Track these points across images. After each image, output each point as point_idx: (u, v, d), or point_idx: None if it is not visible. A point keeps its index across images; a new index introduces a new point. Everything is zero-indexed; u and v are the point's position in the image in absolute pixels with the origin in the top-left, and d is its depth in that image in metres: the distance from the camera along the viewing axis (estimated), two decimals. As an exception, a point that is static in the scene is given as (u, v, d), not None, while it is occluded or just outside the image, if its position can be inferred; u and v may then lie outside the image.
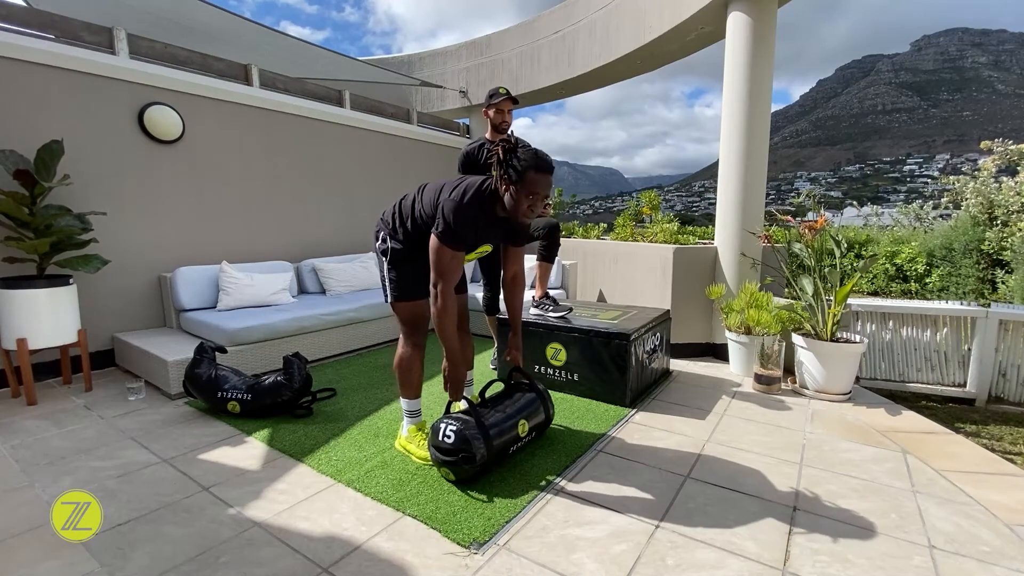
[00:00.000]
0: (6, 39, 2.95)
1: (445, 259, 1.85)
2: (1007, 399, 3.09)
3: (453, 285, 1.91)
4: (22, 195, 2.74)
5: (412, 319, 2.12)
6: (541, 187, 1.80)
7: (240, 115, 4.07)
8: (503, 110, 3.02)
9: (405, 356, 2.14)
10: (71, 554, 1.55)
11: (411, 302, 2.09)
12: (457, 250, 1.86)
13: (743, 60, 3.52)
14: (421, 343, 2.15)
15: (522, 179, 1.79)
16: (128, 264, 3.48)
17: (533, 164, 1.80)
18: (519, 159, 1.80)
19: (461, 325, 2.27)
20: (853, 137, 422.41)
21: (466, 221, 1.83)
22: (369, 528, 1.68)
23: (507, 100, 2.98)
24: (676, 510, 1.80)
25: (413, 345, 2.14)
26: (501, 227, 2.02)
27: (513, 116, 3.13)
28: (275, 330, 3.28)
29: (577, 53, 5.69)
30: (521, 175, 1.78)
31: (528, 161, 1.80)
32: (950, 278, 5.64)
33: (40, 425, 2.50)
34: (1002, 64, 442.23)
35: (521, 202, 1.81)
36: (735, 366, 3.42)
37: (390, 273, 2.09)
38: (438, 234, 1.85)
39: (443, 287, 1.87)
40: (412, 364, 2.14)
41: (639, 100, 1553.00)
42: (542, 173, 1.81)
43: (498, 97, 2.96)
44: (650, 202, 4.68)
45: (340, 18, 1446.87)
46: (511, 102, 3.01)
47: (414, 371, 2.16)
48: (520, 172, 1.78)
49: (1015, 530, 1.70)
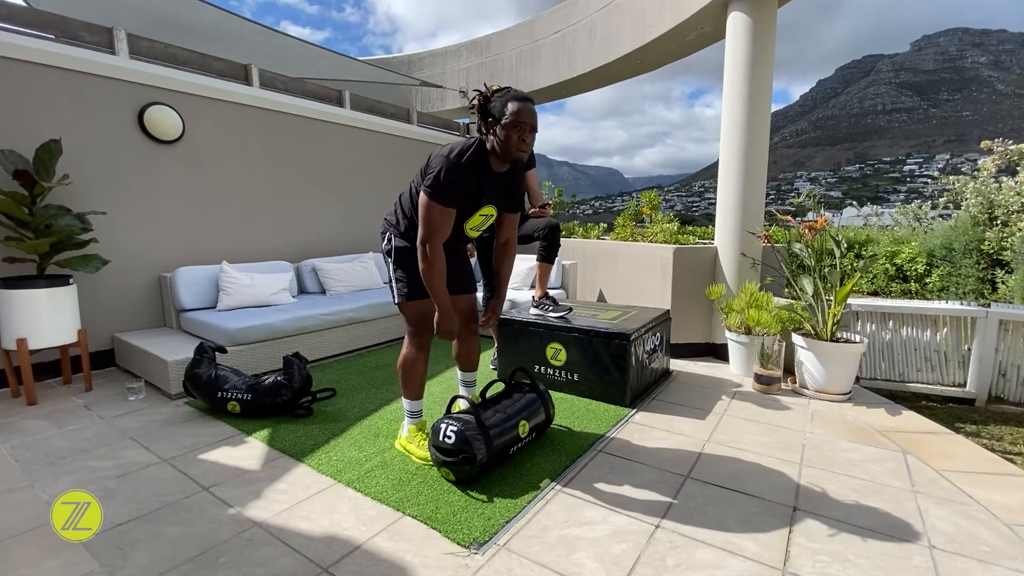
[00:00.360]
0: (6, 39, 2.95)
1: (434, 215, 1.82)
2: (1007, 399, 3.09)
3: (442, 242, 1.88)
4: (22, 195, 2.74)
5: (419, 319, 2.09)
6: (524, 116, 1.79)
7: (240, 115, 4.07)
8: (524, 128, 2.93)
9: (409, 357, 2.13)
10: (71, 554, 1.55)
11: (418, 301, 2.06)
12: (446, 206, 1.83)
13: (743, 60, 3.52)
14: (426, 345, 2.15)
15: (503, 114, 1.78)
16: (128, 264, 3.48)
17: (510, 96, 1.81)
18: (497, 99, 1.81)
19: (468, 326, 2.27)
20: (853, 137, 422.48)
21: (455, 173, 1.80)
22: (369, 528, 1.68)
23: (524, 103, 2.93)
24: (676, 510, 1.80)
25: (418, 346, 2.13)
26: (499, 186, 1.97)
27: None
28: (275, 330, 3.28)
29: (577, 53, 5.70)
30: (502, 110, 1.78)
31: (504, 96, 1.81)
32: (950, 278, 5.64)
33: (40, 425, 2.50)
34: (1002, 64, 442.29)
35: (510, 136, 1.79)
36: (735, 366, 3.42)
37: (395, 272, 2.07)
38: (427, 190, 1.82)
39: (431, 245, 1.84)
40: (416, 365, 2.14)
41: (639, 100, 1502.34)
42: (521, 102, 1.80)
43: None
44: (650, 202, 4.68)
45: (340, 18, 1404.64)
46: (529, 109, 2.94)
47: (417, 372, 2.15)
48: (500, 108, 1.79)
49: (1015, 530, 1.70)
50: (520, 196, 2.12)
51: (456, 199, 1.84)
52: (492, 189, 1.96)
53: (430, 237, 1.84)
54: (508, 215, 2.13)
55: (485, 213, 2.01)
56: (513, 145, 1.81)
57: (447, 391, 2.96)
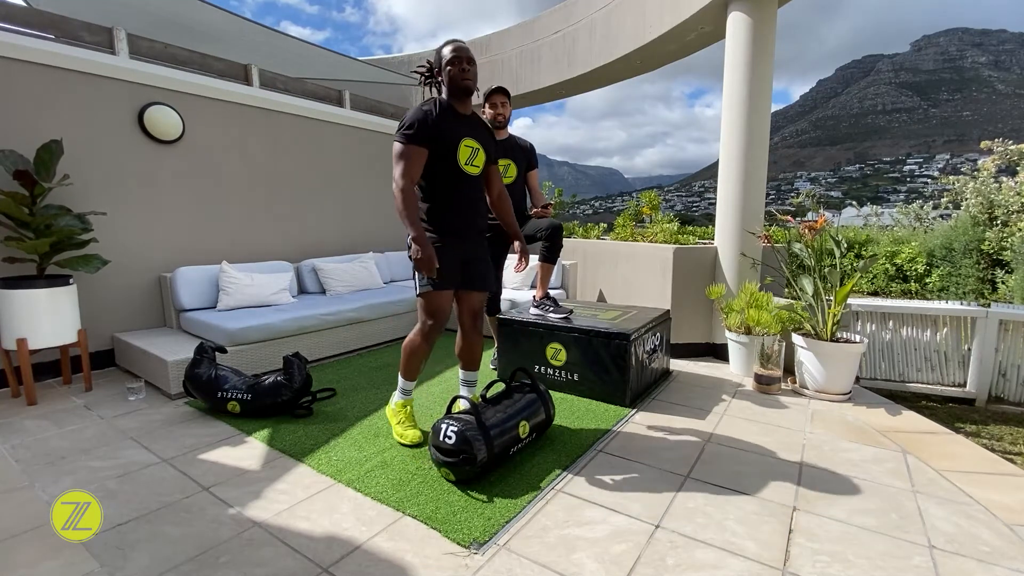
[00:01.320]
0: (6, 39, 2.95)
1: (404, 154, 1.99)
2: (1007, 399, 3.09)
3: (414, 182, 2.02)
4: (22, 195, 2.74)
5: (432, 311, 2.17)
6: (457, 52, 2.05)
7: (240, 115, 4.07)
8: (496, 104, 3.02)
9: (415, 343, 2.24)
10: (71, 554, 1.55)
11: (435, 293, 2.13)
12: (417, 144, 2.00)
13: (743, 60, 3.52)
14: (432, 338, 2.23)
15: (441, 61, 2.09)
16: (128, 264, 3.48)
17: (441, 47, 2.12)
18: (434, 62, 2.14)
19: (474, 324, 2.36)
20: (853, 137, 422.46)
21: (419, 113, 2.00)
22: (369, 528, 1.68)
23: (496, 92, 2.99)
24: (676, 510, 1.80)
25: (424, 337, 2.21)
26: (473, 126, 2.16)
27: (513, 115, 3.13)
28: (275, 330, 3.28)
29: (577, 53, 5.70)
30: (439, 60, 2.10)
31: (438, 51, 2.12)
32: (950, 278, 5.64)
33: (40, 425, 2.50)
34: (1002, 64, 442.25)
35: (452, 73, 2.05)
36: (735, 366, 3.42)
37: (414, 267, 2.12)
38: (398, 136, 2.02)
39: (404, 184, 1.98)
40: (418, 351, 2.24)
41: (640, 100, 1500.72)
42: (451, 43, 2.09)
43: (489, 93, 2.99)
44: (650, 202, 4.68)
45: (340, 18, 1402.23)
46: (501, 94, 3.01)
47: (417, 357, 2.26)
48: (438, 60, 2.12)
49: (1015, 530, 1.70)
50: (495, 151, 2.31)
51: (424, 136, 2.00)
52: (466, 128, 2.13)
53: (402, 178, 1.98)
54: (492, 169, 2.31)
55: (470, 145, 2.13)
56: (457, 77, 2.04)
57: (447, 391, 2.96)
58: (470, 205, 2.17)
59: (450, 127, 2.05)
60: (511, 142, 3.16)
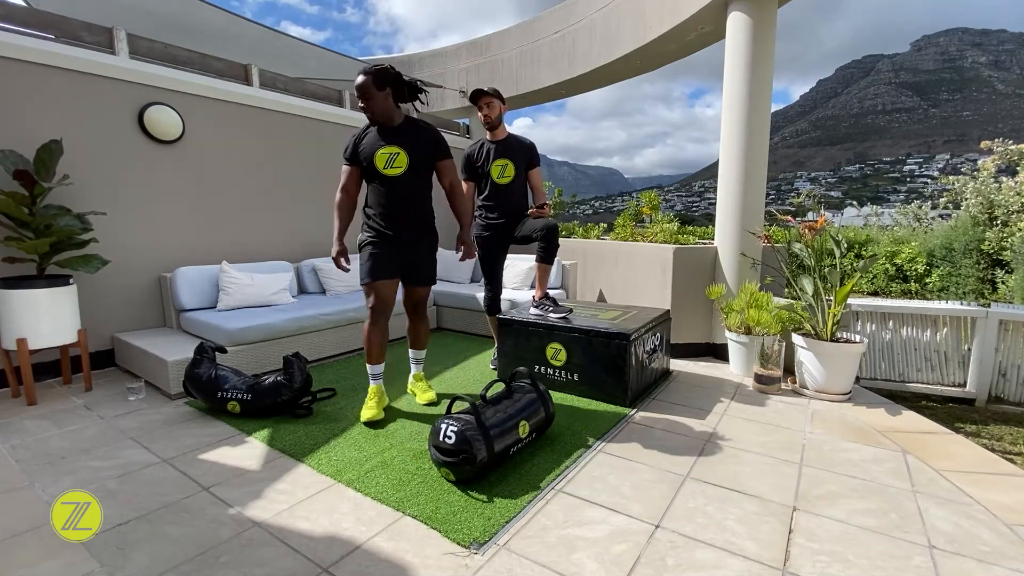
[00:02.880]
0: (6, 39, 2.95)
1: (343, 173, 2.59)
2: (1007, 399, 3.09)
3: (345, 192, 2.57)
4: (22, 195, 2.74)
5: (369, 298, 2.57)
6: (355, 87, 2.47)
7: (240, 115, 4.07)
8: (481, 106, 3.04)
9: (364, 327, 2.63)
10: (71, 554, 1.55)
11: (369, 284, 2.54)
12: (344, 163, 2.58)
13: (743, 60, 3.52)
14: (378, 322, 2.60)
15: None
16: (128, 264, 3.48)
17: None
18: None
19: (415, 311, 2.81)
20: (853, 137, 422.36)
21: (349, 139, 2.58)
22: (369, 528, 1.68)
23: (477, 95, 3.03)
24: (676, 510, 1.80)
25: (370, 321, 2.60)
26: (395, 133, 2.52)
27: (513, 115, 3.15)
28: (275, 330, 3.28)
29: (577, 53, 5.69)
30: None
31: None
32: (950, 278, 5.64)
33: (40, 425, 2.50)
34: (1002, 64, 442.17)
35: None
36: (735, 366, 3.42)
37: (360, 259, 2.61)
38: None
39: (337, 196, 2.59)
40: (368, 335, 2.61)
41: (640, 100, 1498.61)
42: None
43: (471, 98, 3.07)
44: (650, 202, 4.68)
45: (341, 19, 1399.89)
46: (482, 96, 3.02)
47: (372, 342, 2.62)
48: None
49: (1015, 530, 1.70)
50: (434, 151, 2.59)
51: (349, 156, 2.55)
52: (389, 137, 2.51)
53: (337, 192, 2.58)
54: (440, 164, 2.62)
55: (387, 151, 2.50)
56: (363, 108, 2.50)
57: (447, 391, 2.97)
58: (397, 206, 2.54)
59: (369, 143, 2.52)
60: (509, 141, 3.16)
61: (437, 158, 2.61)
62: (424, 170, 2.61)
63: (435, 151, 2.60)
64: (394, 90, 2.50)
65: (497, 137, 3.15)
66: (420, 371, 2.95)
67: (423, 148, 2.56)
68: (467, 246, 2.71)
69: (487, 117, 3.06)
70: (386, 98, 2.49)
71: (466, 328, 4.48)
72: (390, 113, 2.52)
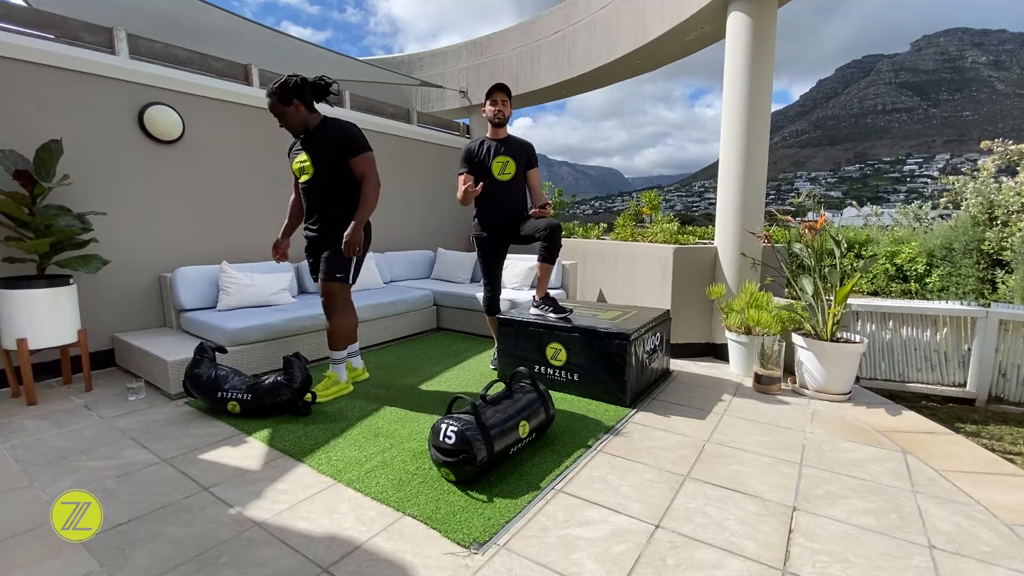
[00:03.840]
0: (6, 39, 2.95)
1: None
2: (1007, 399, 3.09)
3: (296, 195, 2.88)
4: (22, 195, 2.74)
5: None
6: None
7: (240, 115, 4.07)
8: (496, 101, 3.03)
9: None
10: (71, 554, 1.55)
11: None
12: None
13: (743, 60, 3.52)
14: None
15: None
16: (128, 264, 3.48)
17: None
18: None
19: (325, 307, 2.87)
20: (853, 137, 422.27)
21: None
22: (369, 528, 1.68)
23: (496, 90, 3.01)
24: (676, 510, 1.80)
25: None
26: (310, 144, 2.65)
27: (513, 115, 3.14)
28: (275, 330, 3.28)
29: (577, 53, 5.69)
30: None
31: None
32: (950, 278, 5.63)
33: (40, 425, 2.50)
34: (1002, 64, 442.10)
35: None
36: (735, 366, 3.42)
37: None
38: None
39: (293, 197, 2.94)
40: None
41: (640, 100, 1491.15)
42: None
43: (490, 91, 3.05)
44: (650, 202, 4.68)
45: (341, 19, 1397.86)
46: (501, 91, 3.02)
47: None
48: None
49: (1015, 530, 1.70)
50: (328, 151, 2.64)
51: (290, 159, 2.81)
52: (302, 146, 2.69)
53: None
54: (350, 162, 2.65)
55: (300, 161, 2.71)
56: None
57: (447, 391, 2.97)
58: (312, 210, 2.73)
59: (291, 153, 2.79)
60: (510, 140, 3.16)
61: (345, 158, 2.61)
62: (332, 172, 2.61)
63: (338, 153, 2.59)
64: (302, 98, 2.55)
65: (498, 135, 3.16)
66: (330, 371, 2.94)
67: (325, 150, 2.59)
68: (348, 244, 2.59)
69: (500, 114, 3.07)
70: (297, 109, 2.56)
71: (466, 328, 4.48)
72: (304, 122, 2.61)
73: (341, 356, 2.93)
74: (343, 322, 2.84)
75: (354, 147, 2.61)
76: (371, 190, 2.66)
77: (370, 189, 2.65)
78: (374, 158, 2.70)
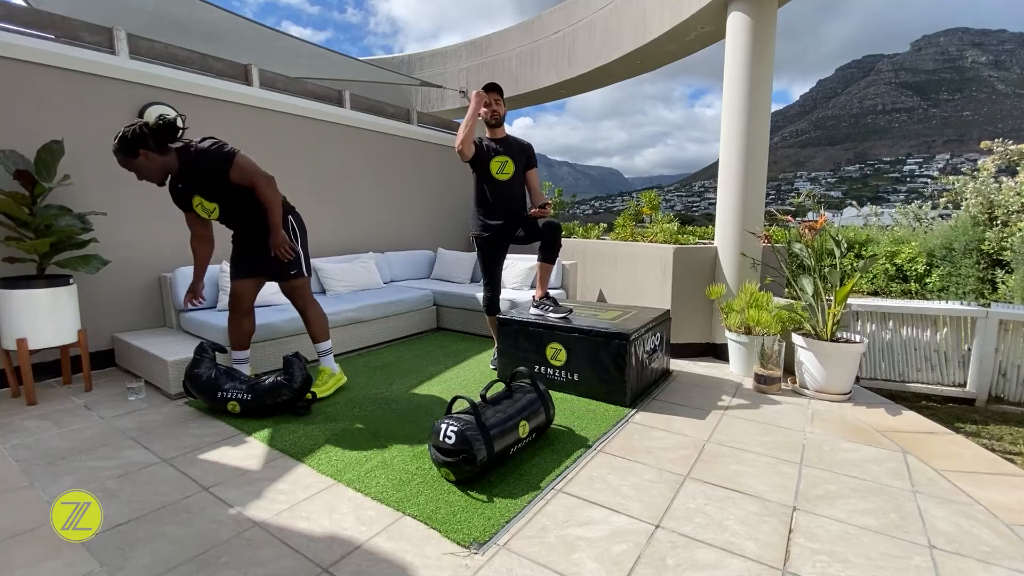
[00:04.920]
0: (6, 39, 2.95)
1: None
2: (1007, 399, 3.09)
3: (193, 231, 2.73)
4: (22, 195, 2.74)
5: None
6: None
7: (240, 115, 4.07)
8: (489, 101, 3.03)
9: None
10: (71, 554, 1.55)
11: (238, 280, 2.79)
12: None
13: (743, 60, 3.52)
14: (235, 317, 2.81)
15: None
16: (128, 264, 3.48)
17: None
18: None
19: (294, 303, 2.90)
20: (853, 137, 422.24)
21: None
22: (369, 528, 1.68)
23: (488, 90, 3.00)
24: (676, 510, 1.80)
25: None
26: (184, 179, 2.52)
27: (513, 115, 3.15)
28: (275, 330, 3.28)
29: (577, 53, 5.70)
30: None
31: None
32: (950, 278, 5.63)
33: (40, 425, 2.50)
34: (1002, 64, 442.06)
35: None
36: (735, 366, 3.42)
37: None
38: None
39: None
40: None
41: (640, 100, 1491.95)
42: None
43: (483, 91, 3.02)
44: (650, 202, 4.68)
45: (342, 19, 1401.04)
46: (493, 91, 3.01)
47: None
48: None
49: (1015, 530, 1.70)
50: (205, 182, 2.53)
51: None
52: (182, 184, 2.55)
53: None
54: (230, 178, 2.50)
55: (196, 200, 2.57)
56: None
57: (447, 391, 2.97)
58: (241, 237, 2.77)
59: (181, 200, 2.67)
60: (508, 140, 3.16)
61: (224, 180, 2.46)
62: (227, 194, 2.51)
63: (214, 180, 2.45)
64: (147, 146, 2.34)
65: (496, 136, 3.16)
66: (322, 366, 2.98)
67: (202, 184, 2.47)
68: (276, 249, 2.58)
69: (495, 113, 3.06)
70: (147, 159, 2.36)
71: (466, 328, 4.48)
72: (163, 167, 2.42)
73: (327, 347, 2.96)
74: (317, 310, 2.91)
75: (222, 166, 2.43)
76: (266, 191, 2.52)
77: (265, 191, 2.51)
78: (245, 159, 2.49)
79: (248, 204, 2.56)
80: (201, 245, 2.71)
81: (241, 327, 2.81)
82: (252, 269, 2.75)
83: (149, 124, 2.35)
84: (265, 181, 2.53)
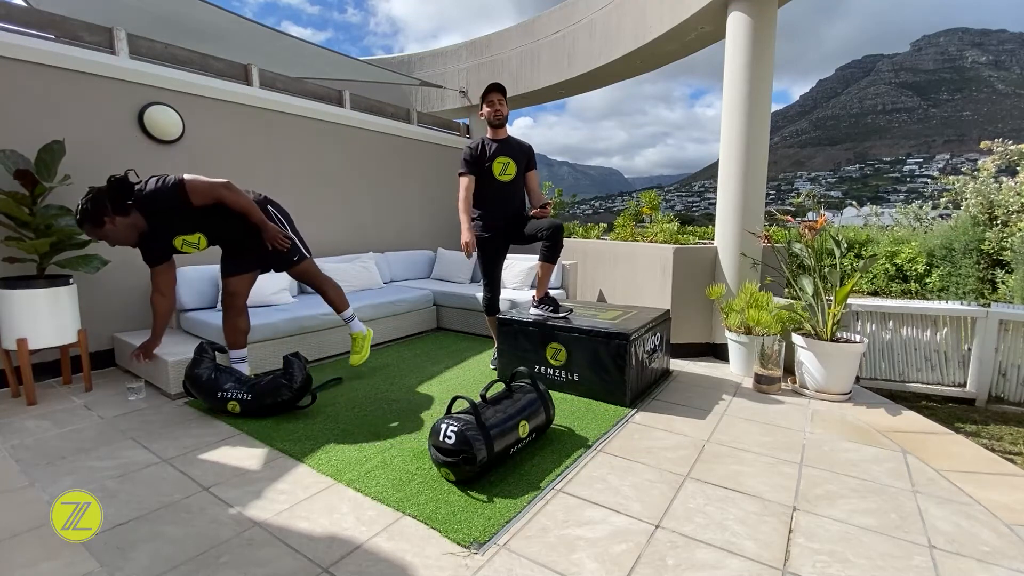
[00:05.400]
0: (6, 39, 2.95)
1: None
2: (1007, 399, 3.09)
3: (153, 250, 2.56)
4: (23, 195, 2.74)
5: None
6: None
7: (240, 115, 4.07)
8: (492, 101, 3.02)
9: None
10: (71, 554, 1.55)
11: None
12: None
13: (743, 60, 3.52)
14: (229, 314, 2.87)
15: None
16: (128, 264, 3.47)
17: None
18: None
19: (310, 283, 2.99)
20: (853, 137, 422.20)
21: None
22: (369, 528, 1.68)
23: (492, 90, 3.00)
24: (676, 510, 1.80)
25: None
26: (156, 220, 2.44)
27: (512, 115, 3.15)
28: (275, 330, 3.28)
29: (577, 53, 5.69)
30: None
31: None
32: (950, 278, 5.63)
33: (40, 425, 2.50)
34: (1002, 64, 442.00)
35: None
36: (735, 366, 3.42)
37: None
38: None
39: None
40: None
41: (640, 100, 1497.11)
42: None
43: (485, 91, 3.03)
44: (650, 202, 4.68)
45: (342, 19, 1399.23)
46: (496, 91, 3.02)
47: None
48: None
49: (1015, 530, 1.70)
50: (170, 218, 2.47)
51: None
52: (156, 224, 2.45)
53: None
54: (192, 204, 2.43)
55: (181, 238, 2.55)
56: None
57: (447, 391, 2.97)
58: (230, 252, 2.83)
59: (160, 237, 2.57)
60: (510, 141, 3.16)
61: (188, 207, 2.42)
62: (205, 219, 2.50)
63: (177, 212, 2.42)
64: (106, 213, 2.30)
65: (498, 136, 3.15)
66: (352, 331, 3.11)
67: (176, 221, 2.46)
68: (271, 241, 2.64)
69: (498, 113, 3.05)
70: (113, 224, 2.32)
71: (466, 328, 4.48)
72: (133, 228, 2.38)
73: (350, 314, 3.08)
74: (332, 284, 3.01)
75: (178, 197, 2.38)
76: (232, 198, 2.48)
77: (231, 198, 2.47)
78: (194, 180, 2.41)
79: (227, 217, 2.54)
80: (163, 302, 2.62)
81: (236, 325, 2.84)
82: (246, 265, 2.82)
83: (102, 188, 2.30)
84: (226, 190, 2.46)
